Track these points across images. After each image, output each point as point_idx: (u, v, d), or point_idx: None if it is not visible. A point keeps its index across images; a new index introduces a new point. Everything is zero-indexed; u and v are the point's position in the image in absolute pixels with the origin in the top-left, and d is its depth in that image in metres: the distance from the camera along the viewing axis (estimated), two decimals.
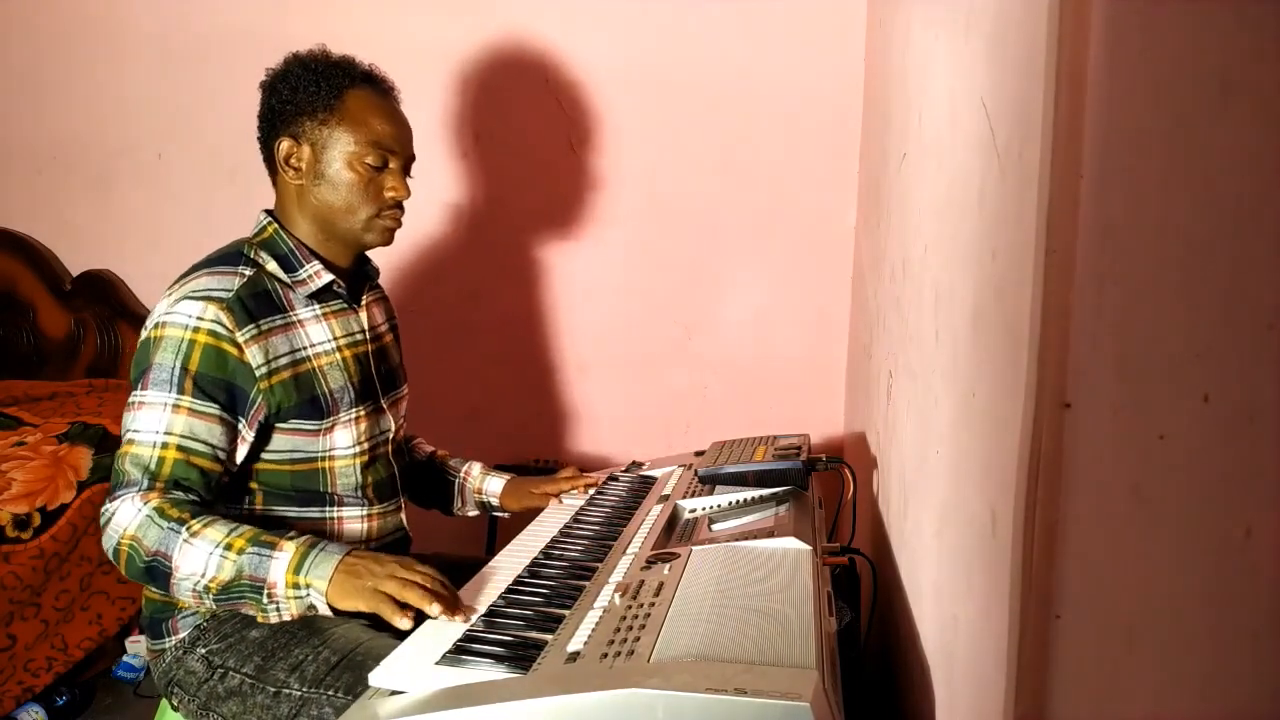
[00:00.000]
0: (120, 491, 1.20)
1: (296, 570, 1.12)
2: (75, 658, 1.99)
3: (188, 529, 1.15)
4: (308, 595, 1.12)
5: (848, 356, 2.34)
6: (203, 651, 1.27)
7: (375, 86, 1.38)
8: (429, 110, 2.35)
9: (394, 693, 0.88)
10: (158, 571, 1.16)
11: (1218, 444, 0.48)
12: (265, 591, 1.13)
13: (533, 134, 2.38)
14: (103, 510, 1.21)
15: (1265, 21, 0.45)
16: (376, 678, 0.90)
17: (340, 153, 1.33)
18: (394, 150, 1.36)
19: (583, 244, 2.41)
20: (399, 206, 1.38)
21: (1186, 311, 0.51)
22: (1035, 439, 0.71)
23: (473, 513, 1.68)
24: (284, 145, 1.34)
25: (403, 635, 1.02)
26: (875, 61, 2.05)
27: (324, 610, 1.13)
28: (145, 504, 1.17)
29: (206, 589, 1.14)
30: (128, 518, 1.17)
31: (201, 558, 1.14)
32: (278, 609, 1.14)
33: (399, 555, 1.19)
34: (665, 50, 2.31)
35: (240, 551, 1.14)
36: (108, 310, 2.61)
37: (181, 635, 1.30)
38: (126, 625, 2.13)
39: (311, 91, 1.33)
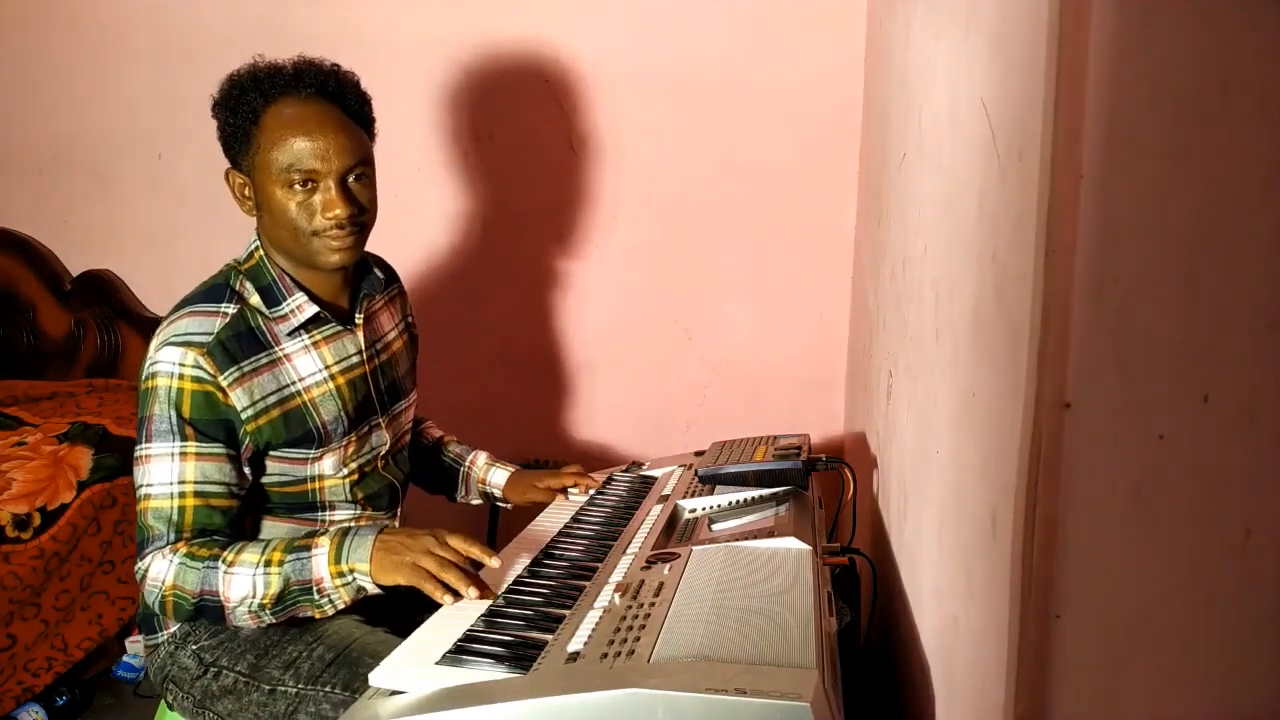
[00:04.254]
0: (148, 549, 1.22)
1: (336, 560, 1.17)
2: (75, 658, 1.99)
3: (224, 561, 1.18)
4: (354, 579, 1.17)
5: (848, 356, 2.34)
6: (193, 648, 1.28)
7: (295, 94, 1.25)
8: (429, 110, 2.35)
9: (394, 693, 0.88)
10: (208, 608, 1.19)
11: (1218, 444, 0.48)
12: (315, 589, 1.17)
13: (533, 134, 2.37)
14: (135, 569, 1.24)
15: (1265, 21, 0.45)
16: (377, 678, 0.90)
17: (269, 181, 1.25)
18: (315, 168, 1.23)
19: (582, 244, 2.41)
20: (340, 225, 1.25)
21: (1186, 311, 0.51)
22: (1035, 439, 0.71)
23: (476, 501, 1.69)
24: (233, 179, 1.31)
25: (396, 630, 1.03)
26: (875, 61, 2.05)
27: (373, 589, 1.17)
28: (175, 554, 1.20)
29: (262, 606, 1.18)
30: (162, 571, 1.20)
31: (247, 582, 1.18)
32: (330, 601, 1.18)
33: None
34: (665, 50, 2.31)
35: (280, 564, 1.18)
36: (108, 310, 2.61)
37: (173, 630, 1.31)
38: (126, 625, 2.13)
39: (233, 121, 1.27)
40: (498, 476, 1.64)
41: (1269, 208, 0.44)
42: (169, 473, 1.22)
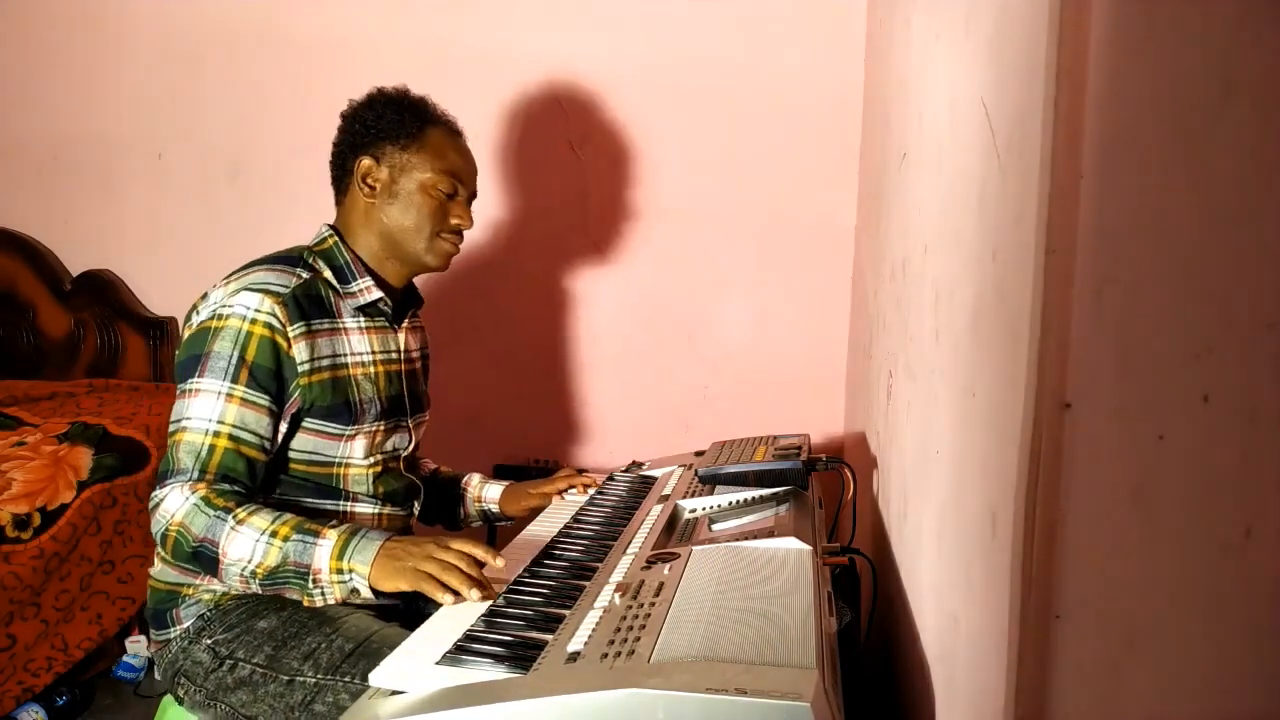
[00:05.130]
0: (170, 479, 1.24)
1: (339, 557, 1.18)
2: (75, 658, 1.99)
3: (234, 517, 1.20)
4: (350, 580, 1.18)
5: (848, 356, 2.34)
6: (208, 642, 1.28)
7: (450, 128, 1.49)
8: None
9: (394, 692, 0.88)
10: (205, 556, 1.20)
11: (1218, 444, 0.48)
12: (310, 577, 1.19)
13: (533, 134, 2.38)
14: (152, 495, 1.26)
15: (1265, 21, 0.45)
16: (376, 677, 0.90)
17: (417, 177, 1.42)
18: (463, 182, 1.46)
19: (583, 245, 2.42)
20: (459, 234, 1.46)
21: (1186, 311, 0.51)
22: (1035, 439, 0.71)
23: (476, 524, 1.72)
24: (364, 163, 1.42)
25: (413, 626, 1.03)
26: (875, 61, 2.05)
27: (366, 594, 1.18)
28: (193, 493, 1.22)
29: (253, 574, 1.20)
30: (175, 505, 1.22)
31: (248, 544, 1.19)
32: (323, 593, 1.20)
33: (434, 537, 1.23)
34: (666, 51, 2.31)
35: (285, 539, 1.19)
36: (108, 310, 2.61)
37: (185, 625, 1.31)
38: (126, 625, 2.13)
39: (396, 120, 1.42)
40: (492, 491, 1.68)
41: (1269, 208, 0.44)
42: (210, 410, 1.25)
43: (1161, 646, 0.54)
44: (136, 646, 2.16)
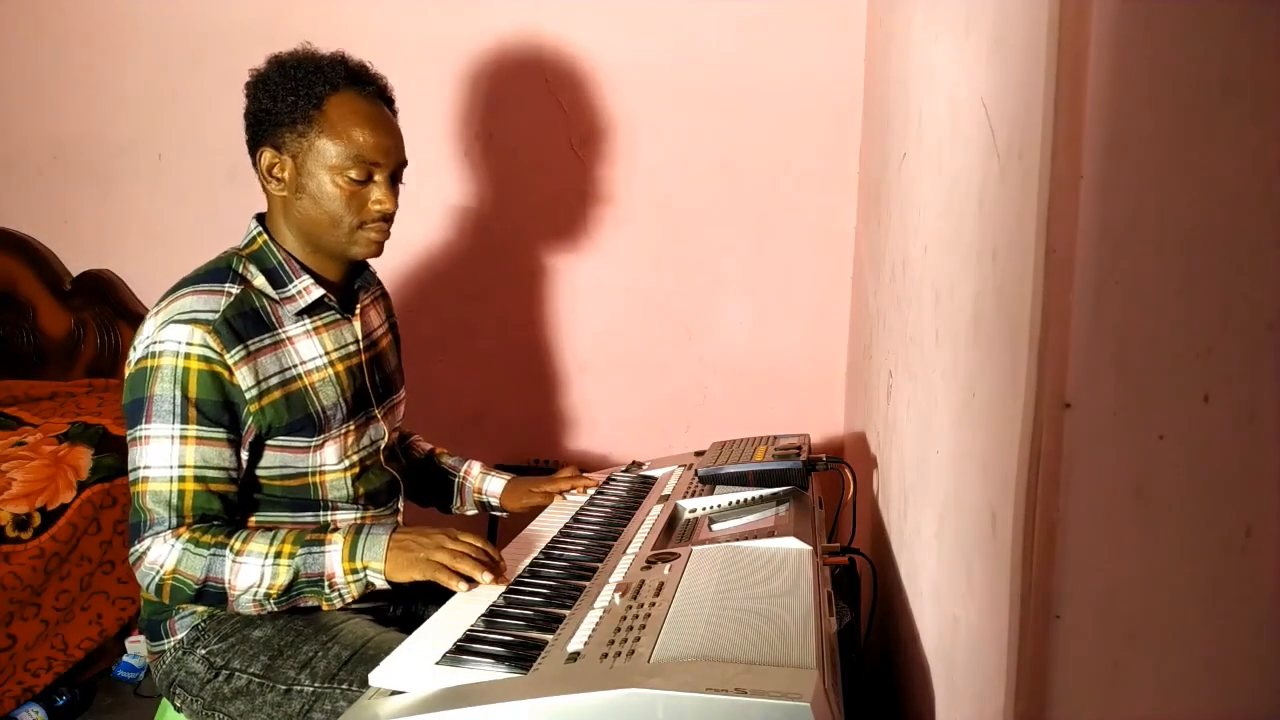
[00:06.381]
0: (147, 532, 1.21)
1: (350, 557, 1.20)
2: (75, 658, 1.99)
3: (231, 549, 1.19)
4: (365, 576, 1.20)
5: (848, 356, 2.34)
6: (203, 652, 1.27)
7: (360, 89, 1.31)
8: (429, 108, 2.35)
9: (394, 693, 0.88)
10: (210, 594, 1.20)
11: (1218, 444, 0.48)
12: (326, 583, 1.20)
13: (533, 134, 2.38)
14: (131, 551, 1.23)
15: (1265, 21, 0.45)
16: (377, 678, 0.90)
17: (321, 166, 1.27)
18: (378, 162, 1.29)
19: (583, 244, 2.42)
20: (386, 219, 1.33)
21: (1186, 311, 0.51)
22: (1035, 439, 0.71)
23: (471, 512, 1.69)
24: (266, 156, 1.30)
25: (410, 630, 1.03)
26: (875, 61, 2.05)
27: (382, 585, 1.21)
28: (178, 539, 1.20)
29: (267, 595, 1.20)
30: (162, 555, 1.20)
31: (255, 571, 1.19)
32: (340, 595, 1.21)
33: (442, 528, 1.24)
34: (666, 50, 2.31)
35: (291, 556, 1.20)
36: (108, 310, 2.61)
37: (180, 636, 1.30)
38: (126, 625, 2.13)
39: (290, 101, 1.27)
40: (494, 485, 1.64)
41: (1269, 208, 0.44)
42: (168, 456, 1.21)
43: (1162, 646, 0.54)
44: (136, 646, 2.16)
